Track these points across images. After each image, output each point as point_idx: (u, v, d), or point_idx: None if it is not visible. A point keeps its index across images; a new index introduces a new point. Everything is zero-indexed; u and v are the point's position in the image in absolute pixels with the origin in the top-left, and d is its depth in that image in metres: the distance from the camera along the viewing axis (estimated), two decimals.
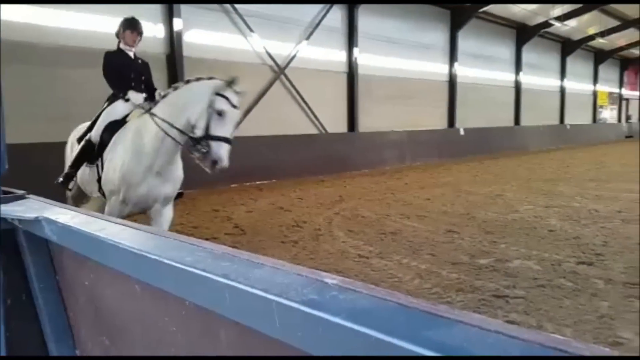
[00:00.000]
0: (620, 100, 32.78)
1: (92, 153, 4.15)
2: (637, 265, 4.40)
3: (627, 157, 17.38)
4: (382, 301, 0.64)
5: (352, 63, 13.87)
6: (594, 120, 29.43)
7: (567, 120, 25.68)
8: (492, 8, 18.31)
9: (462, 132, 17.95)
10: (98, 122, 4.20)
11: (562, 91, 25.36)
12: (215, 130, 3.56)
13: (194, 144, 3.65)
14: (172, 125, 3.72)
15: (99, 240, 0.98)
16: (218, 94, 3.61)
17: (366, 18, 14.15)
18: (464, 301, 3.66)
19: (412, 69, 15.99)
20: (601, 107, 30.19)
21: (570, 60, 25.36)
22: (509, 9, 19.21)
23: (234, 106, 3.65)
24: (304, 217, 6.87)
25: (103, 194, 4.07)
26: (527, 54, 21.84)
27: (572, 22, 21.22)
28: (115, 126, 4.08)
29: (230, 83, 3.67)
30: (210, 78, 3.77)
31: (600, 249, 4.97)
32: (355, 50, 13.81)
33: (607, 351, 0.51)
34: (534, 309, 3.45)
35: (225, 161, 3.59)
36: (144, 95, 4.30)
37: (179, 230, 5.44)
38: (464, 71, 18.59)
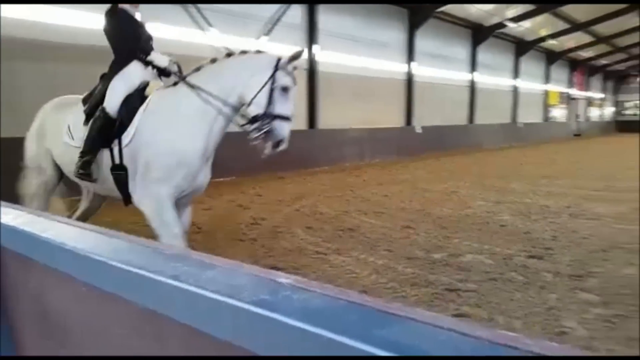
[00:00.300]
0: (569, 99, 34.12)
1: (110, 132, 3.37)
2: (582, 258, 4.59)
3: (576, 155, 18.13)
4: (336, 300, 0.64)
5: (312, 60, 13.87)
6: (545, 118, 30.53)
7: (520, 119, 26.52)
8: (449, 8, 18.67)
9: (419, 130, 18.26)
10: (112, 93, 3.43)
11: (515, 90, 26.17)
12: (279, 108, 3.24)
13: (253, 123, 3.25)
14: (225, 102, 3.27)
15: (44, 241, 0.94)
16: (280, 69, 3.28)
17: (327, 15, 14.17)
18: (418, 295, 3.73)
19: (371, 67, 16.13)
20: (552, 106, 31.33)
21: (523, 61, 26.19)
22: (465, 9, 19.64)
23: (295, 82, 3.35)
24: (263, 215, 6.83)
25: (121, 186, 3.39)
26: (483, 54, 22.41)
27: (525, 24, 21.90)
28: (130, 100, 3.43)
29: (294, 58, 3.35)
30: (257, 52, 3.41)
31: (549, 243, 5.16)
32: (316, 47, 13.82)
33: (554, 346, 0.52)
34: (485, 302, 3.55)
35: (287, 142, 3.33)
36: (168, 58, 3.57)
37: (131, 230, 5.29)
38: (422, 70, 18.90)
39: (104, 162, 3.44)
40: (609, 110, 43.57)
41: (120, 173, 3.39)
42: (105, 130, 3.37)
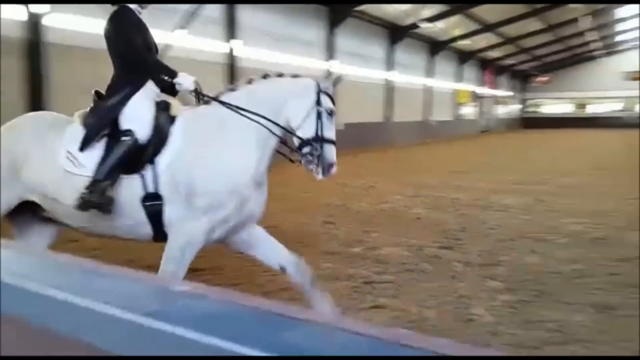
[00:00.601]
0: (478, 98, 36.12)
1: (137, 157, 2.88)
2: (490, 248, 4.88)
3: (484, 150, 19.25)
4: (233, 306, 0.63)
5: (232, 55, 13.64)
6: (456, 116, 32.10)
7: (433, 117, 27.70)
8: (367, 8, 19.08)
9: (341, 127, 18.55)
10: (137, 113, 2.97)
11: (429, 89, 27.29)
12: (327, 132, 3.13)
13: (302, 147, 3.10)
14: (276, 124, 3.05)
15: None
16: (323, 92, 3.19)
17: (247, 11, 13.99)
18: (338, 289, 3.78)
19: (292, 64, 16.13)
20: (462, 103, 33.01)
21: (437, 60, 27.34)
22: (383, 9, 20.16)
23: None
24: None
25: (155, 220, 2.86)
26: (399, 53, 23.14)
27: (439, 24, 22.85)
28: (159, 120, 2.98)
29: (335, 82, 3.40)
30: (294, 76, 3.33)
31: (459, 234, 5.43)
32: (236, 42, 13.60)
33: (448, 344, 0.53)
34: (401, 292, 3.68)
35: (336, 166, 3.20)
36: (193, 79, 3.17)
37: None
38: (342, 68, 19.21)
39: (129, 192, 2.86)
40: (515, 108, 46.51)
41: (156, 203, 2.86)
42: (132, 155, 2.88)
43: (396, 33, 22.63)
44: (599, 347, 2.81)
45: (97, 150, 2.90)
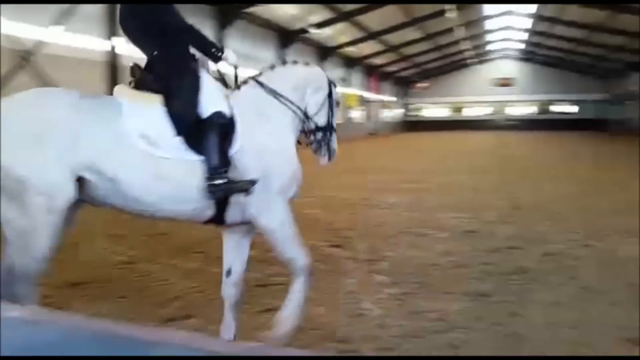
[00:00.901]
0: (365, 102, 37.65)
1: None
2: (376, 244, 5.05)
3: (372, 151, 20.06)
4: (68, 332, 0.55)
5: (114, 53, 12.87)
6: (345, 119, 33.10)
7: None
8: (257, 10, 19.02)
9: None
10: (212, 94, 2.80)
11: None
12: (334, 121, 3.27)
13: (316, 133, 3.19)
14: (303, 112, 3.10)
15: None
16: (334, 84, 3.33)
17: None
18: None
19: None
20: (351, 108, 34.17)
21: (325, 66, 28.01)
22: (273, 12, 20.21)
23: None
24: None
25: (220, 203, 2.68)
26: (290, 58, 23.34)
27: (327, 30, 23.41)
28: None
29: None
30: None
31: (348, 232, 5.57)
32: (118, 40, 12.83)
33: (238, 345, 0.51)
34: None
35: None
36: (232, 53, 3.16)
37: None
38: (231, 71, 18.97)
39: (201, 175, 2.63)
40: (399, 112, 49.14)
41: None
42: (221, 137, 2.69)
43: (286, 37, 22.82)
44: (475, 333, 3.01)
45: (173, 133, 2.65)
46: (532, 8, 28.52)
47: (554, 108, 48.00)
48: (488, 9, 29.15)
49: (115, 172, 2.58)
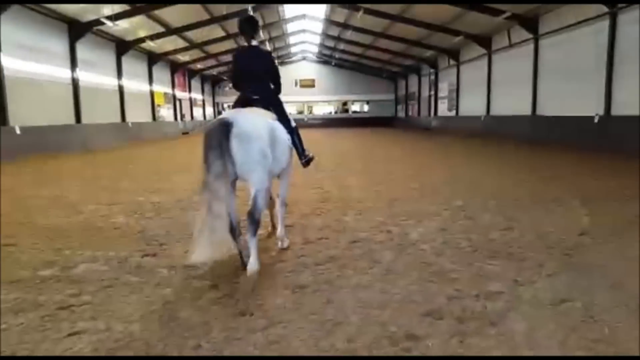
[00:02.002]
0: (174, 100, 36.22)
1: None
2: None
3: (184, 151, 19.40)
4: None
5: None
6: (154, 118, 31.45)
7: (129, 118, 26.49)
8: None
9: (18, 131, 15.93)
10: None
11: (121, 89, 25.94)
12: None
13: None
14: None
15: None
16: None
17: None
18: (24, 323, 3.19)
19: None
20: (159, 105, 32.55)
21: (125, 60, 26.14)
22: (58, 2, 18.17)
23: None
24: None
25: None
26: (83, 51, 21.24)
27: (123, 23, 21.84)
28: None
29: None
30: None
31: (163, 238, 5.27)
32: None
33: None
34: (102, 311, 3.32)
35: None
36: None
37: None
38: (13, 63, 16.54)
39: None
40: (209, 111, 48.54)
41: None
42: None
43: (77, 29, 20.69)
44: (294, 325, 3.09)
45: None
46: (323, 12, 30.73)
47: (351, 107, 52.69)
48: (288, 11, 30.52)
49: (282, 162, 4.61)
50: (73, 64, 20.65)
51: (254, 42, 4.72)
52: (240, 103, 4.57)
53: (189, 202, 7.40)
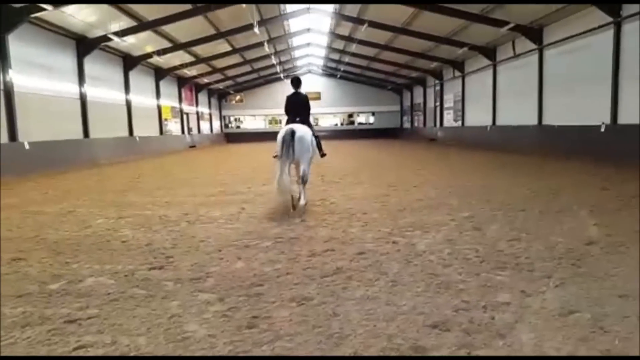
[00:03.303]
0: (182, 114, 36.49)
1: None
2: (200, 261, 4.87)
3: (191, 164, 19.49)
4: None
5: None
6: (161, 132, 31.69)
7: (137, 133, 26.70)
8: (47, 16, 17.14)
9: (27, 147, 16.08)
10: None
11: (129, 104, 26.18)
12: None
13: None
14: None
15: None
16: None
17: None
18: (31, 337, 3.19)
19: None
20: (166, 120, 32.79)
21: (133, 75, 26.43)
22: (65, 19, 18.42)
23: None
24: None
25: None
26: (91, 66, 21.49)
27: (130, 39, 22.12)
28: None
29: None
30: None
31: (170, 251, 5.27)
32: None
33: None
34: (108, 325, 3.32)
35: None
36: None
37: None
38: (22, 80, 16.74)
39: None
40: (217, 124, 48.82)
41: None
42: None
43: (85, 45, 20.97)
44: (299, 338, 3.07)
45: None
46: (327, 26, 30.95)
47: (357, 119, 52.77)
48: (293, 25, 30.76)
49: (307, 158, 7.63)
50: (81, 79, 20.88)
51: (299, 90, 8.39)
52: (289, 122, 8.02)
53: (195, 215, 7.41)
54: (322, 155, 8.41)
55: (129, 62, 25.83)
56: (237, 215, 7.36)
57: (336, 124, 52.29)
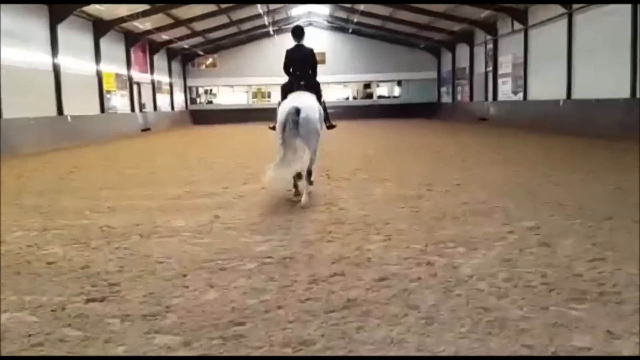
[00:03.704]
0: (130, 83, 36.15)
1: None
2: (157, 290, 4.89)
3: (147, 155, 19.52)
4: None
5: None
6: (102, 109, 31.57)
7: (68, 111, 26.56)
8: None
9: None
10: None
11: (57, 70, 25.99)
12: None
13: None
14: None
15: None
16: None
17: None
18: None
19: None
20: (109, 92, 32.66)
21: (62, 30, 26.22)
22: None
23: None
24: None
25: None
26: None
27: None
28: None
29: None
30: None
31: (115, 276, 5.29)
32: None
33: None
34: None
35: None
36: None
37: None
38: None
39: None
40: (179, 98, 48.50)
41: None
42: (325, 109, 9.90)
43: None
44: None
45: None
46: None
47: (376, 90, 52.40)
48: None
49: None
50: None
51: (302, 42, 9.54)
52: (290, 86, 9.45)
53: (150, 226, 7.44)
54: (329, 127, 9.87)
55: (57, 12, 25.74)
56: (208, 226, 7.39)
57: (347, 98, 52.24)
